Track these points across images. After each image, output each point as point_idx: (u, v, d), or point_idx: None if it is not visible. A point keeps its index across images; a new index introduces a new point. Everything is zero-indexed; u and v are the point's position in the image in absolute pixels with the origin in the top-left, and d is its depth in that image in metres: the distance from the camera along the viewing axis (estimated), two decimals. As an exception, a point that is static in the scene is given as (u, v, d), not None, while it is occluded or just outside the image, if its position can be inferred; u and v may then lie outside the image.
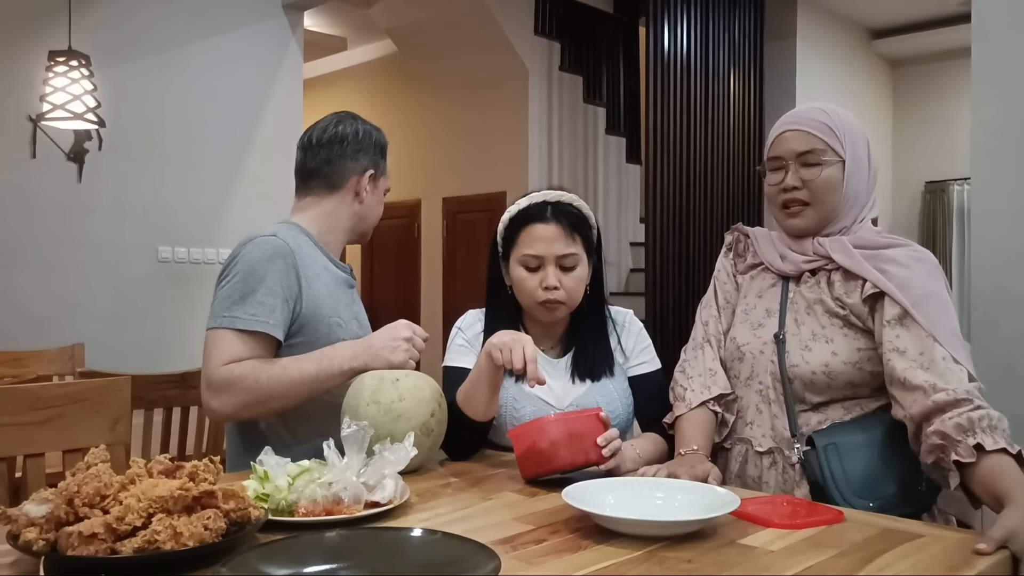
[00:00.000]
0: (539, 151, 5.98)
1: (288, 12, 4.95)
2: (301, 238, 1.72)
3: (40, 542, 0.92)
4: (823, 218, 1.48)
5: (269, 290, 1.58)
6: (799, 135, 1.47)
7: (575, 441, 1.33)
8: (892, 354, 1.34)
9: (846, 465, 1.33)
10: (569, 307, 1.62)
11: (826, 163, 1.45)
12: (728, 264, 1.66)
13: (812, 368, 1.41)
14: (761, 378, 1.49)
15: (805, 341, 1.44)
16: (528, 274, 1.59)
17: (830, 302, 1.44)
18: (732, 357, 1.55)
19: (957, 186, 7.10)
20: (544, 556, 1.01)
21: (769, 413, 1.46)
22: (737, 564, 0.98)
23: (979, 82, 2.11)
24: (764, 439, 1.46)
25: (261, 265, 1.59)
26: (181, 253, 4.46)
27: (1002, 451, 1.17)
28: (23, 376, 2.69)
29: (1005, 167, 2.06)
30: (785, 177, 1.48)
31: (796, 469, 1.41)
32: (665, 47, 5.06)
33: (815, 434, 1.38)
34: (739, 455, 1.49)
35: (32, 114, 3.84)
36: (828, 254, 1.46)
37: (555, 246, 1.56)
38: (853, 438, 1.36)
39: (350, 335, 1.70)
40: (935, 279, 1.39)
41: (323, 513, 1.12)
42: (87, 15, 4.02)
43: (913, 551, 1.04)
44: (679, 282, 5.09)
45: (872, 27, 7.03)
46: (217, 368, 1.53)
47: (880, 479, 1.33)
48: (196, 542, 0.92)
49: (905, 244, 1.45)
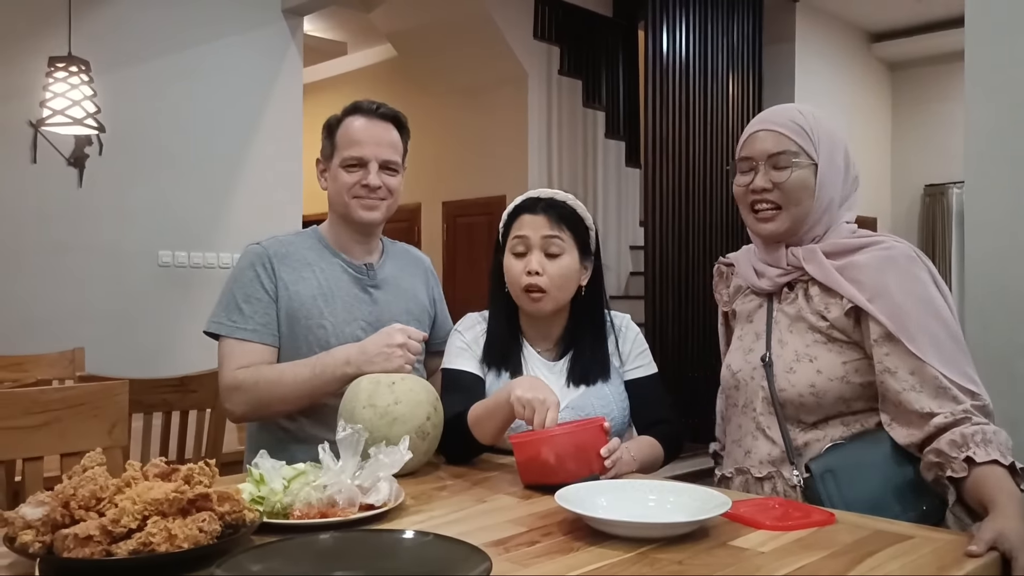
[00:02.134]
0: (539, 155, 5.99)
1: (288, 17, 4.96)
2: (303, 240, 1.79)
3: (36, 544, 0.92)
4: (795, 222, 1.43)
5: (247, 296, 1.71)
6: (771, 136, 1.43)
7: (580, 454, 1.33)
8: (884, 375, 1.32)
9: (845, 491, 1.30)
10: (554, 299, 1.61)
11: (797, 165, 1.41)
12: (719, 300, 1.65)
13: (799, 391, 1.38)
14: (755, 404, 1.46)
15: (789, 363, 1.41)
16: (515, 260, 1.62)
17: (811, 317, 1.41)
18: (728, 385, 1.54)
19: (956, 189, 7.11)
20: (536, 558, 1.02)
21: (764, 438, 1.43)
22: (728, 565, 0.99)
23: (972, 86, 2.12)
24: (761, 465, 1.43)
25: (243, 273, 1.73)
26: (182, 257, 4.47)
27: (994, 462, 1.17)
28: (23, 380, 2.70)
29: (999, 171, 2.07)
30: (754, 178, 1.44)
31: (797, 491, 1.37)
32: (664, 51, 5.07)
33: (812, 462, 1.34)
34: (740, 485, 1.47)
35: (32, 119, 3.85)
36: (801, 266, 1.42)
37: (539, 231, 1.60)
38: (852, 461, 1.32)
39: (340, 338, 1.70)
40: (911, 276, 1.33)
41: (318, 516, 1.13)
42: (87, 21, 4.04)
43: (904, 552, 1.04)
44: (678, 285, 5.10)
45: (871, 30, 7.05)
46: (227, 374, 1.67)
47: (882, 502, 1.29)
48: (191, 544, 0.92)
49: (876, 243, 1.39)
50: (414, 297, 1.87)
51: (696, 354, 5.03)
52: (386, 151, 1.77)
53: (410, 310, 1.84)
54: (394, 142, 1.80)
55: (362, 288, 1.79)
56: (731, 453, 1.52)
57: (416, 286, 1.90)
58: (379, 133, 1.77)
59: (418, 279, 1.92)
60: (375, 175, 1.75)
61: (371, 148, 1.76)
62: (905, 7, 6.44)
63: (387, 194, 1.79)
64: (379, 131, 1.78)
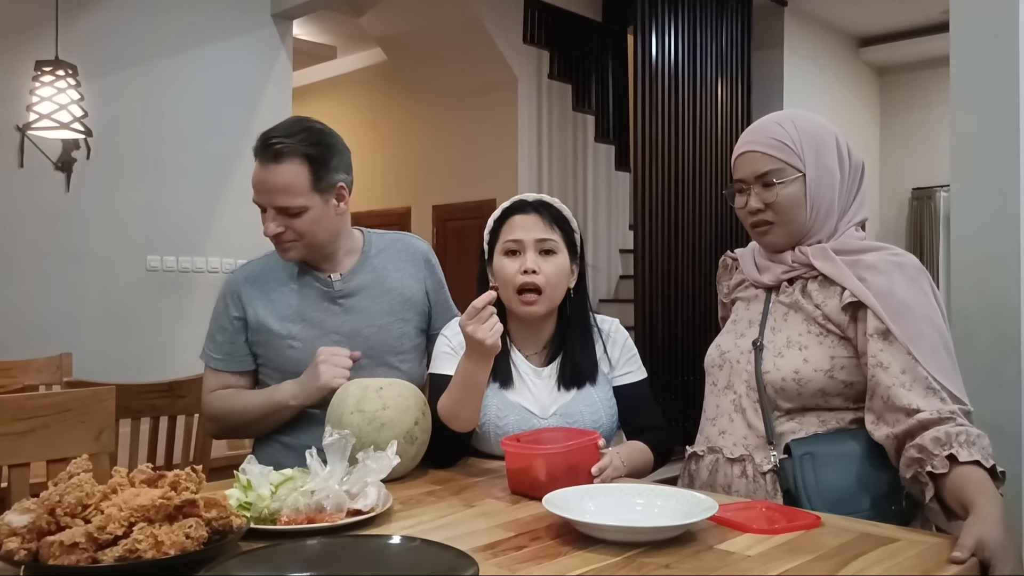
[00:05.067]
0: (528, 159, 6.00)
1: (277, 21, 4.96)
2: (275, 260, 1.81)
3: (22, 552, 0.92)
4: (792, 235, 1.46)
5: (219, 327, 1.80)
6: (755, 157, 1.45)
7: (572, 472, 1.33)
8: (876, 369, 1.33)
9: (820, 477, 1.32)
10: (548, 300, 1.61)
11: (782, 183, 1.42)
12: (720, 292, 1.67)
13: (783, 375, 1.40)
14: (736, 387, 1.48)
15: (779, 348, 1.43)
16: (508, 261, 1.60)
17: (809, 307, 1.43)
18: (713, 364, 1.55)
19: (944, 192, 7.15)
20: (524, 562, 1.02)
21: (742, 420, 1.45)
22: (715, 569, 1.00)
23: (958, 91, 2.14)
24: (735, 447, 1.45)
25: (217, 303, 1.83)
26: (170, 262, 4.46)
27: (976, 464, 1.18)
28: (9, 386, 2.68)
29: (984, 176, 2.08)
30: (748, 200, 1.47)
31: (767, 479, 1.39)
32: (653, 55, 5.09)
33: (793, 442, 1.36)
34: (710, 464, 1.49)
35: (19, 124, 3.83)
36: (809, 262, 1.44)
37: (534, 231, 1.60)
38: (831, 449, 1.35)
39: (310, 351, 1.70)
40: (917, 285, 1.36)
41: (305, 521, 1.13)
42: (74, 25, 4.02)
43: (888, 555, 1.05)
44: (668, 289, 5.11)
45: (858, 35, 7.10)
46: (203, 397, 1.82)
47: (854, 495, 1.31)
48: (177, 551, 0.92)
49: (886, 248, 1.42)
50: (400, 294, 1.83)
51: (686, 357, 5.04)
52: (278, 197, 1.67)
53: (392, 310, 1.81)
54: (286, 184, 1.66)
55: (331, 301, 1.78)
56: (704, 431, 1.53)
57: (403, 281, 1.85)
58: (269, 178, 1.66)
59: (406, 272, 1.87)
60: (272, 223, 1.69)
61: (263, 196, 1.69)
62: (892, 12, 6.49)
63: (295, 235, 1.70)
64: (269, 175, 1.67)
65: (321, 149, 1.69)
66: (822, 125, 1.47)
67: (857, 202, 1.48)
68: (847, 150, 1.47)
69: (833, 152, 1.45)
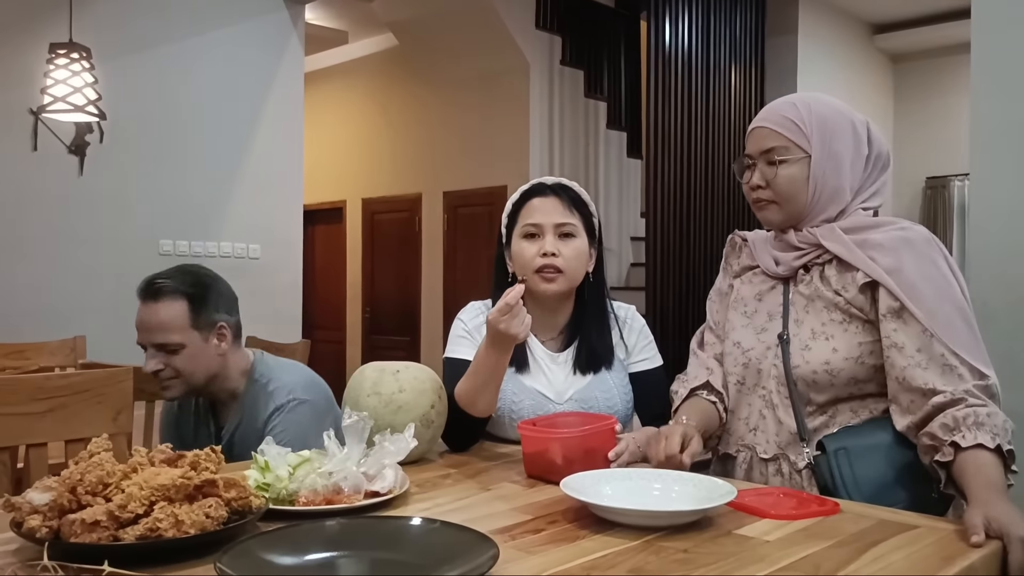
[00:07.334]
0: (540, 145, 5.98)
1: (289, 5, 4.95)
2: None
3: (43, 529, 0.93)
4: (789, 215, 1.44)
5: None
6: (764, 133, 1.44)
7: (589, 456, 1.33)
8: (891, 349, 1.32)
9: (857, 471, 1.30)
10: (568, 280, 1.60)
11: (785, 162, 1.41)
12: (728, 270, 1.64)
13: (813, 367, 1.38)
14: (764, 383, 1.45)
15: (805, 340, 1.41)
16: (527, 244, 1.60)
17: (829, 294, 1.40)
18: (737, 363, 1.50)
19: (958, 182, 7.09)
20: (542, 545, 1.02)
21: (773, 418, 1.42)
22: (733, 554, 0.99)
23: (979, 78, 2.11)
24: (769, 445, 1.43)
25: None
26: (183, 246, 4.47)
27: (978, 447, 1.17)
28: (24, 368, 2.70)
29: (1004, 163, 2.07)
30: (752, 175, 1.46)
31: (803, 475, 1.38)
32: (666, 42, 5.05)
33: (826, 438, 1.34)
34: (744, 461, 1.47)
35: (33, 107, 3.84)
36: (818, 242, 1.42)
37: (553, 215, 1.59)
38: (865, 442, 1.33)
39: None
40: (927, 258, 1.33)
41: (323, 502, 1.13)
42: (88, 8, 4.02)
43: (907, 542, 1.05)
44: (679, 276, 5.09)
45: (873, 22, 7.02)
46: None
47: (892, 486, 1.30)
48: (197, 530, 0.93)
49: (893, 223, 1.39)
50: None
51: (696, 345, 5.02)
52: (157, 335, 1.71)
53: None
54: (164, 321, 1.71)
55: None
56: (735, 430, 1.50)
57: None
58: (148, 316, 1.72)
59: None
60: (151, 361, 1.72)
61: (143, 334, 1.73)
62: (908, -1, 6.42)
63: (174, 372, 1.73)
64: (148, 314, 1.72)
65: (200, 289, 1.75)
66: (839, 110, 1.45)
67: (872, 189, 1.46)
68: (867, 137, 1.44)
69: (846, 138, 1.42)
